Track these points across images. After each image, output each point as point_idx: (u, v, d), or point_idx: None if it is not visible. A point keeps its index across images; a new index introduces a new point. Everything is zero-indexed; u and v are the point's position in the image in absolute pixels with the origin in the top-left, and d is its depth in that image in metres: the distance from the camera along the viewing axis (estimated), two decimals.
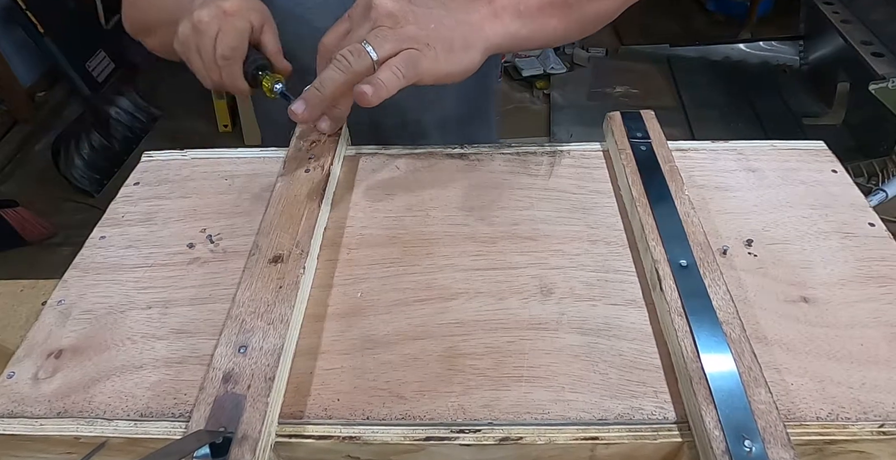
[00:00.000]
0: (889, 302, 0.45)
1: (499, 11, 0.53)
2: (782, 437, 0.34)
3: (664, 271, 0.44)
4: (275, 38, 0.60)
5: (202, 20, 0.55)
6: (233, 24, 0.56)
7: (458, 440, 0.37)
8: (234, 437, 0.35)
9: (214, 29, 0.55)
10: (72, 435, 0.38)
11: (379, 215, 0.53)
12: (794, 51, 2.69)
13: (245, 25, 0.57)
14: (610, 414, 0.38)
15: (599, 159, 0.59)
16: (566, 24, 0.57)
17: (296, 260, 0.46)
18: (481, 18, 0.52)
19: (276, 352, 0.39)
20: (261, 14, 0.59)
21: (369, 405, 0.39)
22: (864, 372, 0.40)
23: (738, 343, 0.39)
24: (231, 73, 0.57)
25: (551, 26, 0.56)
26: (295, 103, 0.50)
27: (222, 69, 0.57)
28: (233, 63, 0.57)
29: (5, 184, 2.36)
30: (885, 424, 0.37)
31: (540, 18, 0.55)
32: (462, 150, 0.60)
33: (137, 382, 0.41)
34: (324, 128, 0.55)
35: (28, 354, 0.43)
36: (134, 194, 0.57)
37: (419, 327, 0.44)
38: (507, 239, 0.50)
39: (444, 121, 0.78)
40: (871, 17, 1.99)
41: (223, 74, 0.57)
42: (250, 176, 0.58)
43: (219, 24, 0.55)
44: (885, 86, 1.72)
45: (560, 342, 0.42)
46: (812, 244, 0.49)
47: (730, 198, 0.54)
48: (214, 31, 0.55)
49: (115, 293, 0.47)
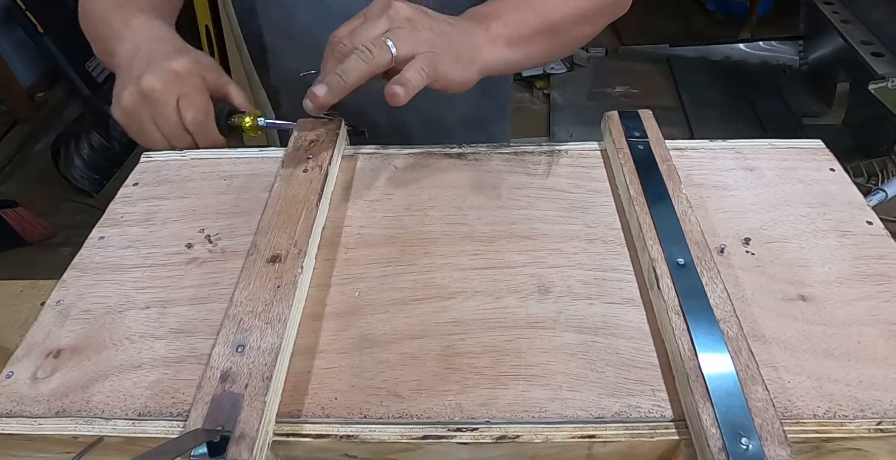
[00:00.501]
0: (886, 300, 0.45)
1: (495, 38, 0.56)
2: (779, 435, 0.34)
3: (661, 270, 0.44)
4: (237, 88, 0.60)
5: (154, 88, 0.52)
6: (193, 85, 0.54)
7: (455, 438, 0.37)
8: (232, 436, 0.35)
9: (173, 96, 0.53)
10: (70, 434, 0.38)
11: (377, 215, 0.53)
12: (794, 51, 2.69)
13: (200, 82, 0.55)
14: (607, 413, 0.38)
15: (597, 158, 0.59)
16: (553, 49, 0.61)
17: (294, 259, 0.46)
18: (481, 41, 0.55)
19: (273, 352, 0.39)
20: (215, 70, 0.58)
21: (367, 404, 0.39)
22: (862, 370, 0.40)
23: (735, 341, 0.39)
24: (206, 134, 0.56)
25: (540, 51, 0.60)
26: (317, 87, 0.51)
27: (195, 134, 0.56)
28: (206, 124, 0.56)
29: (5, 184, 2.37)
30: (883, 422, 0.37)
31: (530, 45, 0.58)
32: (460, 150, 0.60)
33: (136, 382, 0.41)
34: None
35: (27, 354, 0.43)
36: (133, 195, 0.57)
37: (417, 326, 0.44)
38: (504, 238, 0.50)
39: (464, 119, 0.80)
40: (871, 17, 1.99)
41: (197, 138, 0.56)
42: (249, 176, 0.58)
43: (178, 90, 0.53)
44: (884, 86, 1.72)
45: (557, 340, 0.42)
46: (810, 242, 0.49)
47: (727, 196, 0.54)
48: (174, 99, 0.53)
49: (114, 293, 0.47)
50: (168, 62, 0.54)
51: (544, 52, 0.60)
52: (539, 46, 0.59)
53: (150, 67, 0.53)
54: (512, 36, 0.56)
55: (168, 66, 0.53)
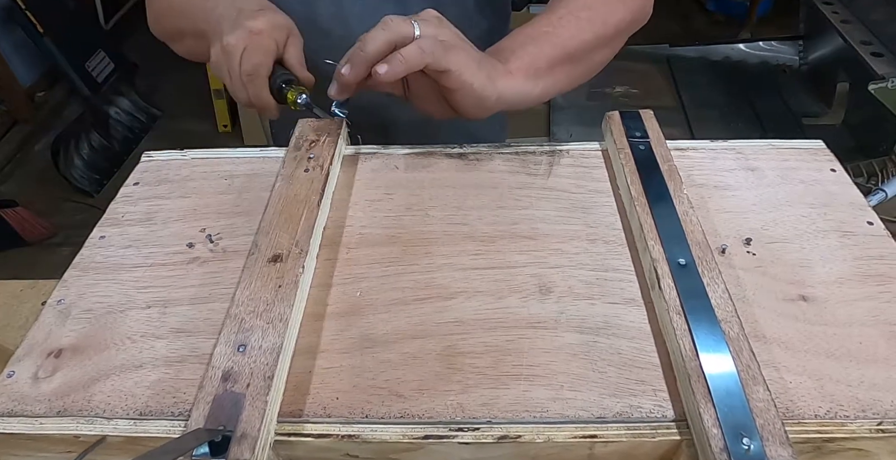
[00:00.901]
0: (887, 300, 0.45)
1: (513, 71, 0.55)
2: (780, 435, 0.34)
3: (663, 270, 0.44)
4: (297, 51, 0.62)
5: (230, 43, 0.57)
6: (258, 42, 0.57)
7: (456, 438, 0.37)
8: (234, 436, 0.35)
9: (240, 49, 0.57)
10: (71, 433, 0.38)
11: (378, 214, 0.53)
12: (794, 51, 2.69)
13: (270, 43, 0.58)
14: (609, 413, 0.38)
15: (598, 159, 0.59)
16: (574, 77, 0.61)
17: (295, 259, 0.46)
18: (498, 74, 0.54)
19: (275, 351, 0.39)
20: (286, 30, 0.61)
21: (368, 403, 0.39)
22: (863, 371, 0.40)
23: (736, 341, 0.39)
24: (256, 90, 0.59)
25: (560, 81, 0.59)
26: (342, 67, 0.52)
27: (248, 86, 0.58)
28: (257, 79, 0.58)
29: (5, 184, 2.37)
30: (884, 422, 0.37)
31: (550, 77, 0.58)
32: (461, 150, 0.60)
33: (137, 381, 0.41)
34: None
35: (28, 353, 0.43)
36: (134, 194, 0.57)
37: (418, 326, 0.44)
38: (506, 238, 0.50)
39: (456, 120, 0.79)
40: (871, 17, 1.99)
41: (249, 91, 0.59)
42: (250, 176, 0.58)
43: (245, 44, 0.57)
44: (884, 86, 1.72)
45: (559, 340, 0.42)
46: (811, 243, 0.49)
47: (728, 197, 0.54)
48: (240, 51, 0.57)
49: (115, 292, 0.47)
50: (247, 21, 0.58)
51: (564, 81, 0.60)
52: (558, 76, 0.58)
53: (233, 26, 0.58)
54: (530, 69, 0.56)
55: (245, 24, 0.58)
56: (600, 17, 0.59)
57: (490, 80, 0.53)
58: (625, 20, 0.61)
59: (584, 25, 0.58)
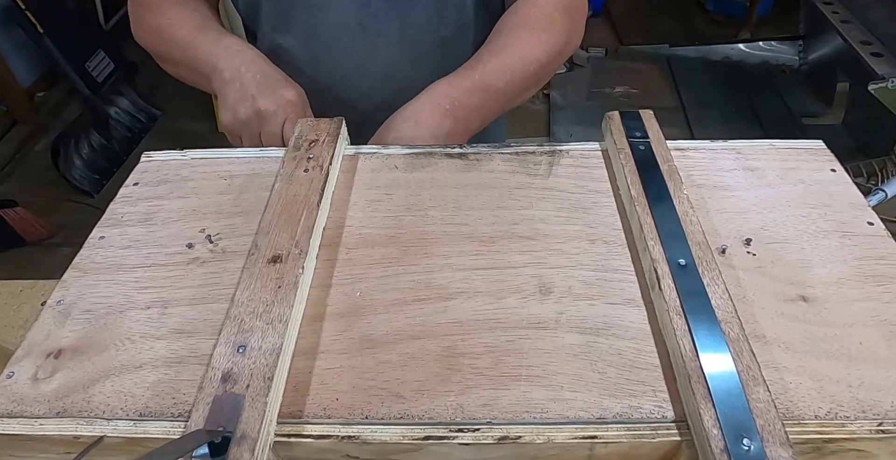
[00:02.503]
0: (888, 300, 0.45)
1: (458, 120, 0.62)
2: (781, 436, 0.34)
3: (663, 270, 0.44)
4: None
5: (269, 109, 0.62)
6: (298, 113, 0.63)
7: (456, 439, 0.37)
8: (233, 437, 0.35)
9: (281, 117, 0.62)
10: (71, 434, 0.38)
11: (378, 215, 0.53)
12: (794, 51, 2.69)
13: (305, 113, 0.65)
14: (609, 413, 0.38)
15: (598, 159, 0.59)
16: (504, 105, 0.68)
17: (295, 260, 0.46)
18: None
19: (274, 352, 0.39)
20: (307, 104, 0.66)
21: (368, 404, 0.39)
22: (863, 371, 0.40)
23: (736, 342, 0.39)
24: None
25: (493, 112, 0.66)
26: None
27: (264, 146, 0.63)
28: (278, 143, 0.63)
29: (5, 184, 2.37)
30: (884, 423, 0.37)
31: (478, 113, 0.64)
32: (461, 150, 0.60)
33: (136, 382, 0.41)
34: None
35: (27, 354, 0.43)
36: (133, 194, 0.57)
37: (418, 326, 0.44)
38: (505, 238, 0.50)
39: None
40: (871, 17, 2.00)
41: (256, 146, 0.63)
42: (249, 176, 0.58)
43: (285, 114, 0.62)
44: (884, 86, 1.72)
45: (559, 341, 0.42)
46: (811, 243, 0.49)
47: (728, 197, 0.54)
48: (281, 120, 0.62)
49: (115, 293, 0.47)
50: (281, 90, 0.63)
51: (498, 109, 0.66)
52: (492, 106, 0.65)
53: (264, 91, 0.63)
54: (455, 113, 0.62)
55: (282, 94, 0.63)
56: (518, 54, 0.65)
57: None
58: (540, 61, 0.67)
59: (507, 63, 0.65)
